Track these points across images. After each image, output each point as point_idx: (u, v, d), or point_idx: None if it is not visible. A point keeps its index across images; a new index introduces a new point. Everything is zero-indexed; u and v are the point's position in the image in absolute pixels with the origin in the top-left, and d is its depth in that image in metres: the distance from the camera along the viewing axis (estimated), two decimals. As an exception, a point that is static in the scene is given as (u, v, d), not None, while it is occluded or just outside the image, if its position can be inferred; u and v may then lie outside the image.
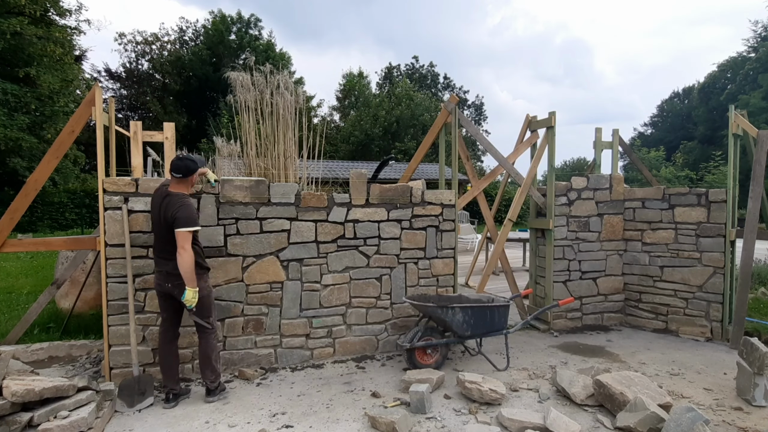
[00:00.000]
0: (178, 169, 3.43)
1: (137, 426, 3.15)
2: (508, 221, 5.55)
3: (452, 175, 5.12)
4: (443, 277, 4.77)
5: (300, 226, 4.24)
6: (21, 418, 2.86)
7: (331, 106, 36.18)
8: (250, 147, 5.12)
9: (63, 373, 4.05)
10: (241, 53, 29.44)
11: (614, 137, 6.11)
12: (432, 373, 3.79)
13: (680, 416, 2.76)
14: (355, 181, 4.42)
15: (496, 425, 3.08)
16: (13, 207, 3.95)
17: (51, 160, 3.96)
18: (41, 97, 16.12)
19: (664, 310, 5.38)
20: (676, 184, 19.96)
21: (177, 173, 3.43)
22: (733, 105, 5.21)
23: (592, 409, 3.35)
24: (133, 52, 29.59)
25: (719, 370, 4.13)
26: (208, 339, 3.53)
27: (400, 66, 38.75)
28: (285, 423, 3.17)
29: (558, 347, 4.85)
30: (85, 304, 5.37)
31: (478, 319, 4.08)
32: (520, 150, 5.80)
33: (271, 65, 5.50)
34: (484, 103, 39.34)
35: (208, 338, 3.53)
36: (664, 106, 42.90)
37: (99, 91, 3.87)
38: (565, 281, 5.45)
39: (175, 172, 3.43)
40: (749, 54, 28.78)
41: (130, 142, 4.58)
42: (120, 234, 3.74)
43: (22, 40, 15.32)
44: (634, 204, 5.59)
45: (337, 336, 4.43)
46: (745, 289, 4.80)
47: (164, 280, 3.43)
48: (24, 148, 15.71)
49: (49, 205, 17.24)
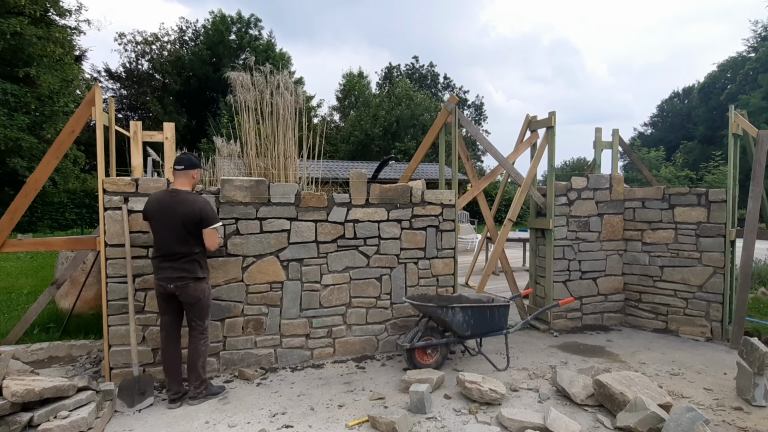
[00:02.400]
0: (181, 161, 3.44)
1: (137, 426, 3.15)
2: (508, 221, 5.55)
3: (452, 175, 5.12)
4: (443, 277, 4.77)
5: (300, 226, 4.24)
6: (21, 418, 2.86)
7: (331, 106, 36.22)
8: (250, 147, 5.12)
9: (63, 373, 4.05)
10: (241, 53, 29.46)
11: (614, 137, 6.11)
12: (432, 373, 3.79)
13: (680, 416, 2.76)
14: (355, 181, 4.42)
15: (496, 425, 3.08)
16: (13, 207, 3.95)
17: (51, 160, 3.95)
18: (41, 97, 16.13)
19: (664, 310, 5.38)
20: (676, 184, 19.95)
21: (179, 165, 3.43)
22: (733, 105, 5.21)
23: (592, 409, 3.35)
24: (133, 52, 29.63)
25: (719, 370, 4.13)
26: (197, 343, 3.48)
27: (400, 66, 38.79)
28: (285, 423, 3.17)
29: (558, 347, 4.85)
30: (85, 304, 5.37)
31: (478, 319, 4.08)
32: (520, 150, 5.80)
33: (271, 65, 5.51)
34: (484, 103, 39.38)
35: (198, 342, 3.48)
36: (664, 106, 42.91)
37: (99, 91, 3.87)
38: (565, 281, 5.45)
39: (178, 164, 3.43)
40: (749, 54, 28.78)
41: (130, 142, 4.59)
42: (120, 234, 3.74)
43: (22, 40, 15.32)
44: (634, 204, 5.59)
45: (337, 336, 4.43)
46: (745, 289, 4.80)
47: (168, 281, 3.37)
48: (24, 148, 15.71)
49: (49, 205, 17.24)
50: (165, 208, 3.37)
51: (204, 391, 3.49)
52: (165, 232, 3.38)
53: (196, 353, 3.47)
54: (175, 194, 3.40)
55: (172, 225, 3.34)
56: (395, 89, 31.29)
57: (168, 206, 3.36)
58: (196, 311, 3.46)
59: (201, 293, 3.45)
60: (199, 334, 3.50)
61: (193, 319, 3.48)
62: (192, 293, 3.41)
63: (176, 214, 3.32)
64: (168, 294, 3.42)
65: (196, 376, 3.46)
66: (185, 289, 3.36)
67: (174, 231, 3.34)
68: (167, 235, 3.37)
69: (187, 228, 3.34)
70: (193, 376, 3.46)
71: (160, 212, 3.38)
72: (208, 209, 3.40)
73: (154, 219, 3.42)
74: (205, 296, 3.48)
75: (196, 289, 3.42)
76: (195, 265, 3.42)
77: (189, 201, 3.35)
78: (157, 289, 3.48)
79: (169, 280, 3.37)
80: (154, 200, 3.45)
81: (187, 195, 3.40)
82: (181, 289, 3.37)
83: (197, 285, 3.43)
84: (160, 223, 3.39)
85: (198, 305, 3.46)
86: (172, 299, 3.45)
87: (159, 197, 3.44)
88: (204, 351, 3.51)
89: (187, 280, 3.36)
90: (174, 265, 3.37)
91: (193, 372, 3.46)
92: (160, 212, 3.38)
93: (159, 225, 3.40)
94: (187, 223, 3.33)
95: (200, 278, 3.44)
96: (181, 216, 3.31)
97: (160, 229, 3.40)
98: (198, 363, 3.46)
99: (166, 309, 3.50)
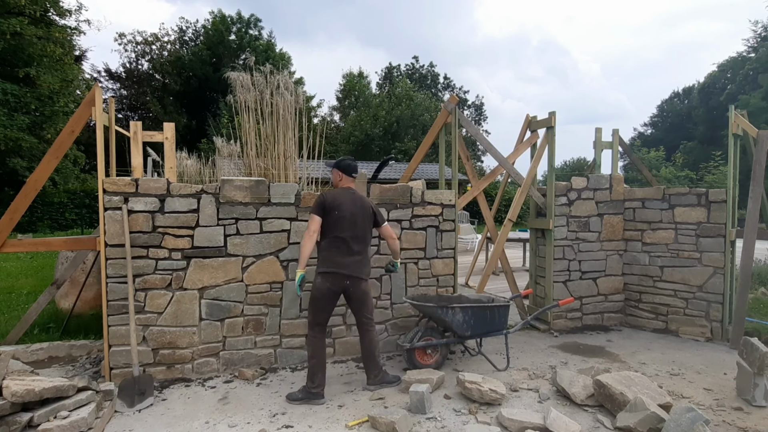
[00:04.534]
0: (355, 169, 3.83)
1: (137, 426, 3.15)
2: (508, 221, 5.55)
3: (452, 175, 5.12)
4: (443, 277, 4.77)
5: (300, 226, 4.24)
6: (21, 418, 2.85)
7: (331, 106, 36.22)
8: (250, 147, 5.12)
9: (63, 373, 4.05)
10: (241, 53, 29.44)
11: (614, 137, 6.11)
12: (432, 373, 3.79)
13: (680, 416, 2.76)
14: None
15: (496, 425, 3.08)
16: (13, 207, 3.95)
17: (51, 160, 3.95)
18: (41, 97, 16.13)
19: (664, 310, 5.38)
20: (676, 184, 19.94)
21: (355, 173, 3.82)
22: (733, 105, 5.20)
23: (592, 409, 3.35)
24: (133, 52, 29.65)
25: (719, 370, 4.13)
26: (373, 334, 3.74)
27: (400, 66, 38.79)
28: (285, 423, 3.17)
29: (558, 347, 4.85)
30: (85, 304, 5.37)
31: (478, 319, 4.08)
32: (520, 150, 5.80)
33: (271, 65, 5.51)
34: (484, 104, 39.38)
35: (372, 332, 3.74)
36: (664, 106, 42.88)
37: (99, 91, 3.87)
38: (565, 281, 5.45)
39: (354, 172, 3.82)
40: (749, 54, 28.75)
41: (130, 142, 4.59)
42: (120, 234, 3.74)
43: (22, 40, 15.32)
44: (634, 204, 5.59)
45: (337, 336, 4.43)
46: (745, 289, 4.80)
47: (343, 279, 3.55)
48: (24, 148, 15.71)
49: (49, 205, 17.24)
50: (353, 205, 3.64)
51: (382, 377, 3.73)
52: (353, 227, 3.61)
53: (372, 343, 3.72)
54: (354, 192, 3.73)
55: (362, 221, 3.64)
56: (395, 89, 31.29)
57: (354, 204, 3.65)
58: (369, 304, 3.74)
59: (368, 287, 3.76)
60: (371, 325, 3.76)
61: (366, 313, 3.72)
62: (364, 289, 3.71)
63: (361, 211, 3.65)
64: (341, 291, 3.61)
65: (374, 365, 3.72)
66: (357, 286, 3.61)
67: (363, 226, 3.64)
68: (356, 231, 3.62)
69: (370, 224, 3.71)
70: (372, 365, 3.72)
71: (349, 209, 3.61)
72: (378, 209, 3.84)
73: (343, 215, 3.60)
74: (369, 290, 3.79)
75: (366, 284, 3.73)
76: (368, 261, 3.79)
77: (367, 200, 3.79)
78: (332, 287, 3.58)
79: (345, 278, 3.57)
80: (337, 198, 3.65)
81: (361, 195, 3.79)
82: (353, 287, 3.60)
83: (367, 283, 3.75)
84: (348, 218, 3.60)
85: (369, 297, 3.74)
86: (338, 297, 3.66)
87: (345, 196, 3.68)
88: (378, 341, 3.83)
89: (361, 277, 3.63)
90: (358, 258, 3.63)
91: (372, 361, 3.72)
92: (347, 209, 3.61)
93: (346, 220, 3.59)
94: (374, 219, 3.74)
95: None
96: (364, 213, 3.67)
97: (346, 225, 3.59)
98: (376, 351, 3.73)
99: (327, 309, 3.64)
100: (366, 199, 3.77)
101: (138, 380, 3.49)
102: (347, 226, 3.56)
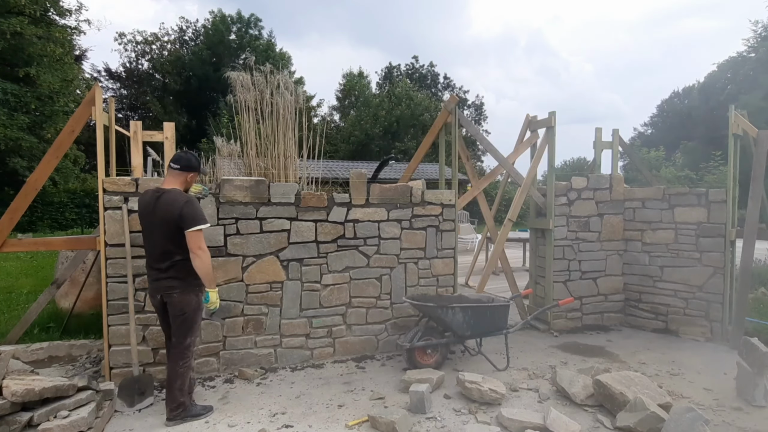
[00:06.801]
0: (179, 159, 3.15)
1: (137, 426, 3.15)
2: (508, 221, 5.55)
3: (452, 175, 5.12)
4: (443, 277, 4.77)
5: (300, 226, 4.24)
6: (21, 417, 2.85)
7: (331, 105, 36.19)
8: (250, 147, 5.11)
9: (63, 372, 4.05)
10: (241, 53, 29.41)
11: (614, 137, 6.11)
12: (432, 373, 3.79)
13: (680, 416, 2.76)
14: (355, 181, 4.42)
15: (496, 425, 3.08)
16: (13, 207, 3.95)
17: (51, 160, 3.95)
18: (41, 96, 16.14)
19: (664, 310, 5.38)
20: (676, 184, 19.92)
21: (175, 164, 3.14)
22: (733, 105, 5.20)
23: (592, 409, 3.35)
24: (133, 52, 29.64)
25: (719, 370, 4.13)
26: (176, 363, 3.12)
27: (400, 66, 38.75)
28: (285, 423, 3.17)
29: (558, 347, 4.84)
30: (85, 304, 5.37)
31: (478, 319, 4.08)
32: (520, 150, 5.80)
33: (271, 65, 5.51)
34: (484, 104, 39.35)
35: (176, 362, 3.12)
36: (664, 105, 42.86)
37: (99, 90, 3.87)
38: (565, 281, 5.44)
39: (174, 162, 3.15)
40: (749, 54, 28.73)
41: (130, 142, 4.59)
42: (120, 234, 3.74)
43: (22, 40, 15.33)
44: (634, 204, 5.59)
45: (337, 336, 4.43)
46: (745, 289, 4.80)
47: (156, 290, 3.12)
48: (24, 148, 15.72)
49: (49, 205, 17.25)
50: (150, 209, 3.07)
51: (182, 413, 3.16)
52: (150, 235, 3.12)
53: (173, 374, 3.12)
54: (161, 193, 3.07)
55: (159, 227, 3.04)
56: (395, 89, 31.26)
57: (153, 207, 3.06)
58: (178, 326, 3.11)
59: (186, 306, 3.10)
60: (178, 353, 3.12)
61: (175, 334, 3.14)
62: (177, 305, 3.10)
63: (161, 214, 3.03)
64: (159, 305, 3.18)
65: (171, 399, 3.14)
66: (172, 299, 3.07)
67: (160, 233, 3.05)
68: (153, 239, 3.11)
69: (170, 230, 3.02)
70: (169, 398, 3.15)
71: (145, 215, 3.12)
72: (190, 209, 2.99)
73: (142, 223, 3.19)
74: (192, 309, 3.11)
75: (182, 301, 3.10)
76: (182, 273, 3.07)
77: (172, 200, 3.01)
78: (151, 299, 3.25)
79: (157, 290, 3.12)
80: (141, 202, 3.19)
81: (170, 193, 3.06)
82: (170, 298, 3.09)
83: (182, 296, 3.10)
84: (146, 227, 3.15)
85: (181, 319, 3.10)
86: (165, 310, 3.18)
87: (145, 199, 3.16)
88: (183, 373, 3.13)
89: (175, 290, 3.06)
90: (163, 272, 3.07)
91: (170, 393, 3.14)
92: (144, 215, 3.13)
93: (145, 229, 3.17)
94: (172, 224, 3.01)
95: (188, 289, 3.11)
96: (164, 216, 3.01)
97: (146, 234, 3.17)
98: (174, 385, 3.12)
99: (163, 319, 3.25)
100: None
101: (138, 380, 3.50)
102: None
